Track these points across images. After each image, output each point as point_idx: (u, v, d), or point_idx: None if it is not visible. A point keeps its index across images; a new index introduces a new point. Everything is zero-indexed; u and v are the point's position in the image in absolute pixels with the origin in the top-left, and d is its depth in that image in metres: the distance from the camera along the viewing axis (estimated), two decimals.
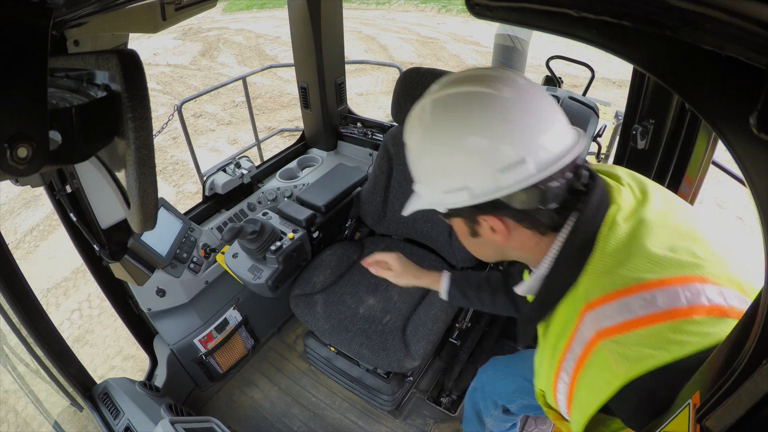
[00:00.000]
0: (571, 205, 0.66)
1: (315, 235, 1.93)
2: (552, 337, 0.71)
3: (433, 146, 0.67)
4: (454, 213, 0.71)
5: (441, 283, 1.22)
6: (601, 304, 0.60)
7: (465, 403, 1.45)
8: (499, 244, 0.71)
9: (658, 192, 0.71)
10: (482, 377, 1.37)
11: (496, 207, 0.65)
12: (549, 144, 0.63)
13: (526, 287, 0.79)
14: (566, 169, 0.63)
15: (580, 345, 0.64)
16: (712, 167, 1.30)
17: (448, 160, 0.65)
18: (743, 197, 4.32)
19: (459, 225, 0.75)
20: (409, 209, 0.78)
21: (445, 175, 0.67)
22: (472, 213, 0.69)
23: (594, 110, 1.14)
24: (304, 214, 1.88)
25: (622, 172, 0.75)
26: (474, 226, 0.71)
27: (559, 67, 3.10)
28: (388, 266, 1.25)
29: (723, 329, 0.52)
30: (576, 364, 0.65)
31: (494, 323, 2.16)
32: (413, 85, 1.60)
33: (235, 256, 1.82)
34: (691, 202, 1.06)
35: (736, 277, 0.61)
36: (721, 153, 0.92)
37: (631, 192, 0.69)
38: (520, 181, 0.61)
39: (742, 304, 0.58)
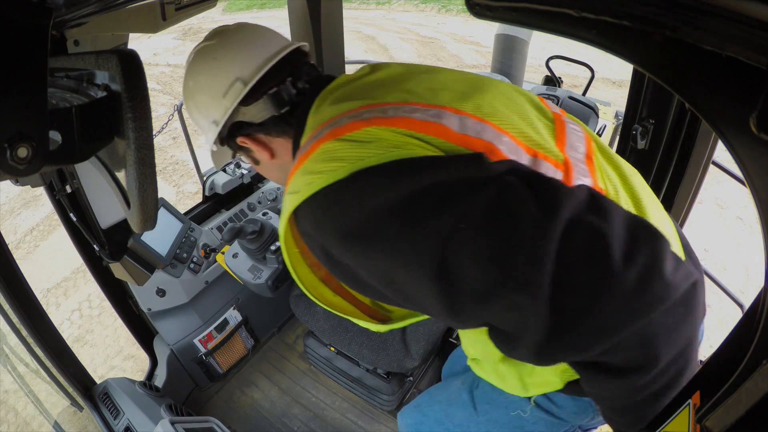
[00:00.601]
0: (302, 102, 0.72)
1: None
2: None
3: (186, 98, 0.80)
4: (229, 147, 0.81)
5: None
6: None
7: None
8: (275, 162, 0.78)
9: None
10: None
11: (242, 128, 0.75)
12: (251, 60, 0.72)
13: None
14: (281, 75, 0.72)
15: None
16: (712, 167, 1.30)
17: (193, 104, 0.78)
18: (743, 197, 4.32)
19: (246, 158, 0.84)
20: (210, 158, 0.87)
21: (201, 117, 0.78)
22: (232, 142, 0.78)
23: (594, 110, 1.15)
24: None
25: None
26: (248, 153, 0.80)
27: (559, 67, 3.10)
28: None
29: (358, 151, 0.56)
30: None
31: None
32: None
33: (235, 256, 1.82)
34: (691, 202, 1.06)
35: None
36: (721, 153, 0.92)
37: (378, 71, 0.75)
38: (238, 96, 0.71)
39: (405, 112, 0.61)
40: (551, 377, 0.76)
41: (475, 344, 0.84)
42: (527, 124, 0.63)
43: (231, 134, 0.77)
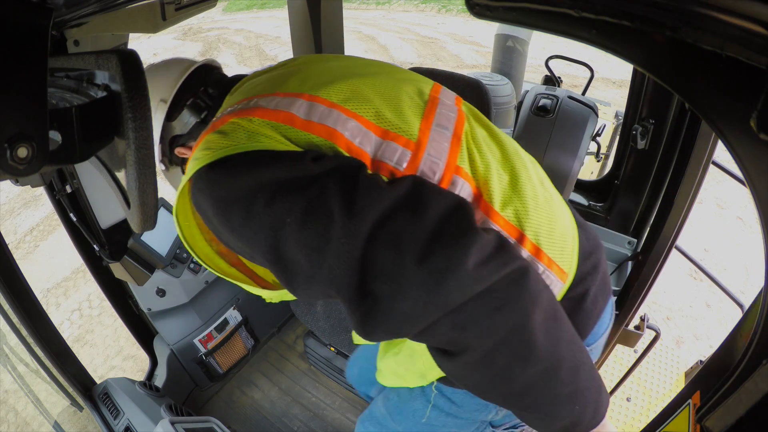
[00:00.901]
0: (216, 105, 0.81)
1: None
2: None
3: None
4: (174, 163, 0.87)
5: None
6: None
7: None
8: None
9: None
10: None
11: (177, 141, 0.84)
12: (168, 81, 0.82)
13: None
14: (195, 87, 0.81)
15: None
16: (712, 167, 1.29)
17: None
18: (743, 197, 4.32)
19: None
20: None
21: None
22: (174, 157, 0.85)
23: (593, 109, 1.15)
24: None
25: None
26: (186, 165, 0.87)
27: (559, 67, 3.10)
28: None
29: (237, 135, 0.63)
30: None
31: None
32: None
33: None
34: (691, 202, 1.06)
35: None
36: (721, 153, 0.92)
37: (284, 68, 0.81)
38: (163, 113, 0.81)
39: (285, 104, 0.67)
40: None
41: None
42: (390, 106, 0.69)
43: (171, 151, 0.86)
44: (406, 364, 0.89)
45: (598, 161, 3.28)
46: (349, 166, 0.60)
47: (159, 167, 0.87)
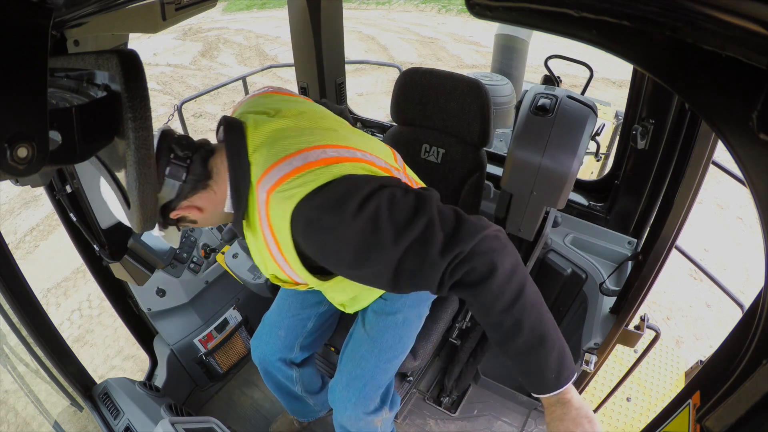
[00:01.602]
0: (192, 162, 0.89)
1: None
2: (253, 230, 0.94)
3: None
4: (170, 225, 0.95)
5: None
6: (266, 173, 0.84)
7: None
8: (206, 212, 0.94)
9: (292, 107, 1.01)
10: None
11: (168, 208, 0.90)
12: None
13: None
14: (165, 156, 0.86)
15: (265, 226, 0.87)
16: (712, 167, 1.29)
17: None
18: (743, 197, 4.32)
19: (186, 225, 0.99)
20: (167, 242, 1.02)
21: None
22: (170, 221, 0.94)
23: (593, 109, 1.15)
24: None
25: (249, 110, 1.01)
26: (185, 221, 0.96)
27: (559, 67, 3.10)
28: None
29: (332, 170, 0.83)
30: (275, 243, 0.89)
31: None
32: (412, 85, 1.60)
33: (235, 256, 1.82)
34: (691, 202, 1.06)
35: (342, 143, 0.92)
36: (721, 153, 0.92)
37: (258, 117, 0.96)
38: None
39: (348, 154, 0.89)
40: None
41: (342, 292, 1.21)
42: (364, 143, 0.98)
43: (164, 216, 0.92)
44: (360, 296, 1.25)
45: (598, 161, 3.28)
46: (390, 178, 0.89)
47: (157, 234, 0.96)
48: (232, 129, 0.92)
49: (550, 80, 2.95)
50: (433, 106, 1.59)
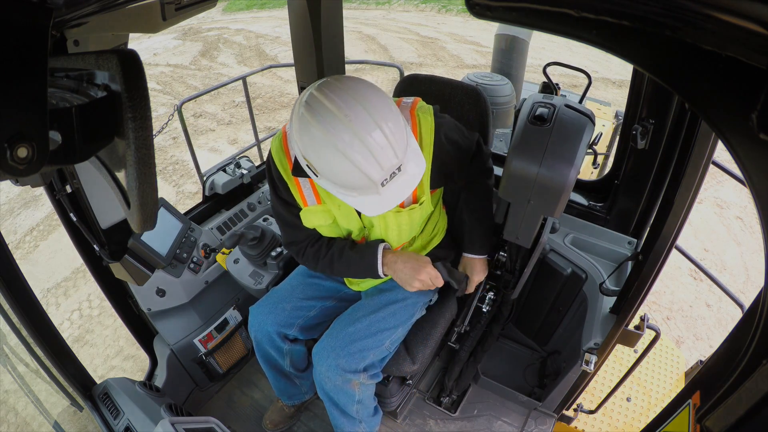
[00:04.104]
0: None
1: None
2: None
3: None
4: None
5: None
6: None
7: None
8: None
9: None
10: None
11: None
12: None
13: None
14: None
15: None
16: (712, 167, 1.30)
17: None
18: (743, 197, 4.32)
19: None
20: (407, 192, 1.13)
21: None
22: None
23: (590, 118, 1.14)
24: None
25: None
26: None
27: (560, 69, 3.10)
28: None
29: None
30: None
31: (494, 323, 2.16)
32: (412, 92, 1.63)
33: (236, 261, 1.82)
34: (691, 202, 1.06)
35: None
36: (721, 153, 0.92)
37: None
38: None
39: None
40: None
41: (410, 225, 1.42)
42: None
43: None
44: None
45: (595, 168, 3.28)
46: None
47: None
48: None
49: (549, 88, 2.95)
50: None
